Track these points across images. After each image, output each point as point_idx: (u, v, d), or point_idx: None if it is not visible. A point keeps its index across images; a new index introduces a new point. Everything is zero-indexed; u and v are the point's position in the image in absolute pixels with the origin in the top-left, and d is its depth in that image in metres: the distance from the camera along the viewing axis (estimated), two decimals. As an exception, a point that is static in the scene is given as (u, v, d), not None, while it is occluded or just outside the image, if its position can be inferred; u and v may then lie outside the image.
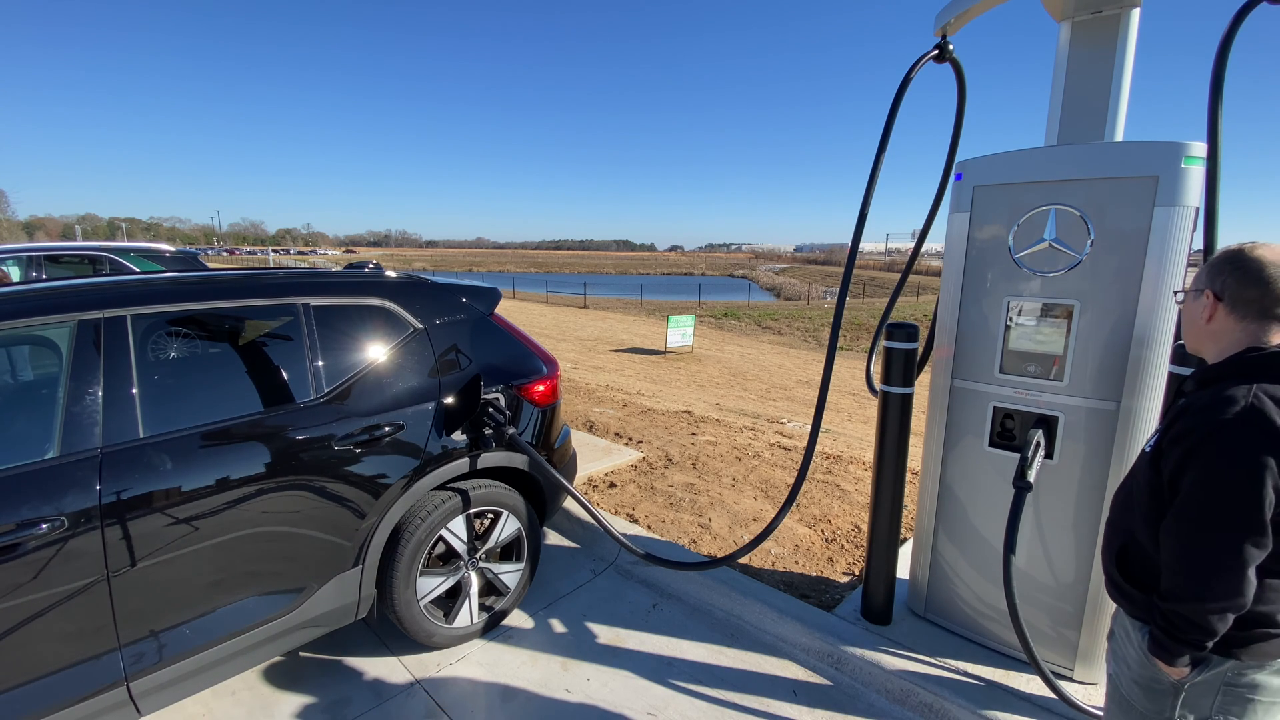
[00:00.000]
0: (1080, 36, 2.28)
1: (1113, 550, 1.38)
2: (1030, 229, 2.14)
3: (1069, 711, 2.04)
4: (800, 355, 17.60)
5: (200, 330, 2.09)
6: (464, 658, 2.56)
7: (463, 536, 2.56)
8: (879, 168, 2.46)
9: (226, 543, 1.95)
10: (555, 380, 2.97)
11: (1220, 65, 1.98)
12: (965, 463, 2.41)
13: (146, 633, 1.84)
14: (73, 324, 1.83)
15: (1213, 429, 1.14)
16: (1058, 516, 2.19)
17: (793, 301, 38.10)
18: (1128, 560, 1.34)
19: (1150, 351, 1.95)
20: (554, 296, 34.42)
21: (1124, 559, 1.35)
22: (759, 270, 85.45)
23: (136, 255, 7.43)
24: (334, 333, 2.31)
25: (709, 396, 9.44)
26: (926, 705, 2.24)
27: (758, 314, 26.79)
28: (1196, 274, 1.33)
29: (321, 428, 2.16)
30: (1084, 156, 2.04)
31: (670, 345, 14.92)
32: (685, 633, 2.77)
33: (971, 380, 2.35)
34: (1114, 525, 1.40)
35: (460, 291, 2.78)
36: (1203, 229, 1.95)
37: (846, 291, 2.53)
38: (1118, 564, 1.36)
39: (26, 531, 1.61)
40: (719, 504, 3.94)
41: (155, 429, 1.87)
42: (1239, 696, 1.22)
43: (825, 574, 3.12)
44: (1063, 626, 2.23)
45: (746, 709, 2.33)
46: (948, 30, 2.48)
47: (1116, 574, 1.36)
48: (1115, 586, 1.37)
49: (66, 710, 1.70)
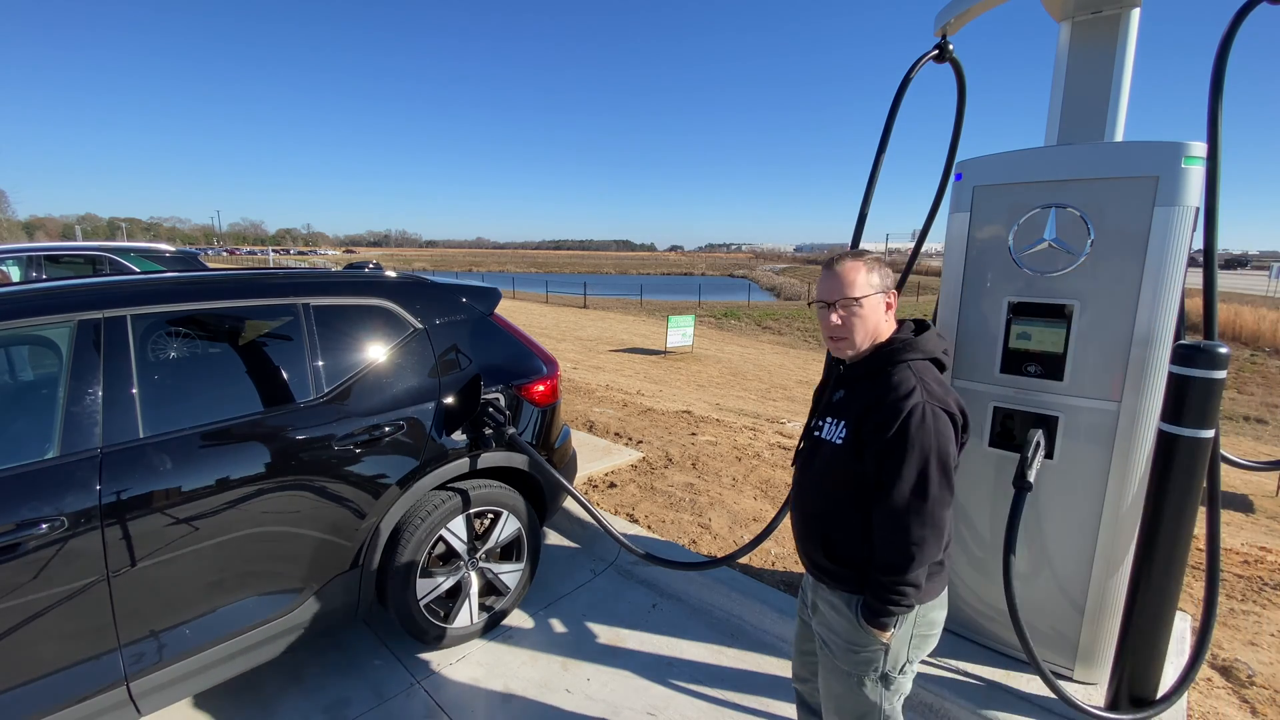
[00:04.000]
0: (1080, 36, 2.28)
1: (817, 540, 1.51)
2: (1030, 229, 2.14)
3: (1069, 711, 2.04)
4: (800, 355, 17.60)
5: (200, 330, 2.09)
6: (464, 658, 2.56)
7: (463, 536, 2.56)
8: (879, 168, 2.46)
9: (226, 543, 1.95)
10: (555, 380, 2.97)
11: (1220, 65, 1.98)
12: (965, 463, 2.40)
13: (146, 633, 1.84)
14: (73, 324, 1.83)
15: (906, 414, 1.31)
16: (1058, 516, 2.19)
17: (793, 301, 38.09)
18: (834, 545, 1.48)
19: (1150, 351, 1.95)
20: (554, 296, 34.41)
21: (829, 545, 1.48)
22: (759, 270, 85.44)
23: (136, 255, 7.43)
24: (334, 333, 2.31)
25: (709, 396, 9.44)
26: (926, 705, 2.24)
27: (758, 314, 26.79)
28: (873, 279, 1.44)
29: (321, 428, 2.16)
30: (1084, 156, 2.04)
31: (670, 345, 14.92)
32: (685, 633, 2.77)
33: (971, 380, 2.35)
34: (817, 518, 1.52)
35: (460, 291, 2.78)
36: (1203, 229, 1.95)
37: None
38: (824, 551, 1.49)
39: (27, 531, 1.61)
40: (719, 504, 3.94)
41: (155, 429, 1.87)
42: (922, 636, 1.49)
43: (825, 574, 3.12)
44: (1063, 626, 2.23)
45: (746, 709, 2.33)
46: (948, 30, 2.47)
47: (824, 560, 1.49)
48: (823, 570, 1.51)
49: (66, 710, 1.70)
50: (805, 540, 1.56)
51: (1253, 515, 6.47)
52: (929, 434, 1.31)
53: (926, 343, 1.44)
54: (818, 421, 1.56)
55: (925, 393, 1.34)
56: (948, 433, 1.34)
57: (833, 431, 1.46)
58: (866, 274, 1.43)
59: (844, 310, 1.43)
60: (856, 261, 1.44)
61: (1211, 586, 1.94)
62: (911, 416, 1.30)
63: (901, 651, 1.46)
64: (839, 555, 1.47)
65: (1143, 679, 1.99)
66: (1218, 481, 1.96)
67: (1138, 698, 2.00)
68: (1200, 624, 1.96)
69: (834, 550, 1.47)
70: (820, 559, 1.50)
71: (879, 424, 1.33)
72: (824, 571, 1.51)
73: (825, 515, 1.49)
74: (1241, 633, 2.70)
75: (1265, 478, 7.66)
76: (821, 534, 1.50)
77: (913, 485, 1.31)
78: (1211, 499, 1.95)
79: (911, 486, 1.31)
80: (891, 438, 1.31)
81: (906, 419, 1.30)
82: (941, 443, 1.32)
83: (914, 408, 1.31)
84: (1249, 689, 2.35)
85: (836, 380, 1.55)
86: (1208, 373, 1.77)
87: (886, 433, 1.32)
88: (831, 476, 1.46)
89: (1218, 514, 1.95)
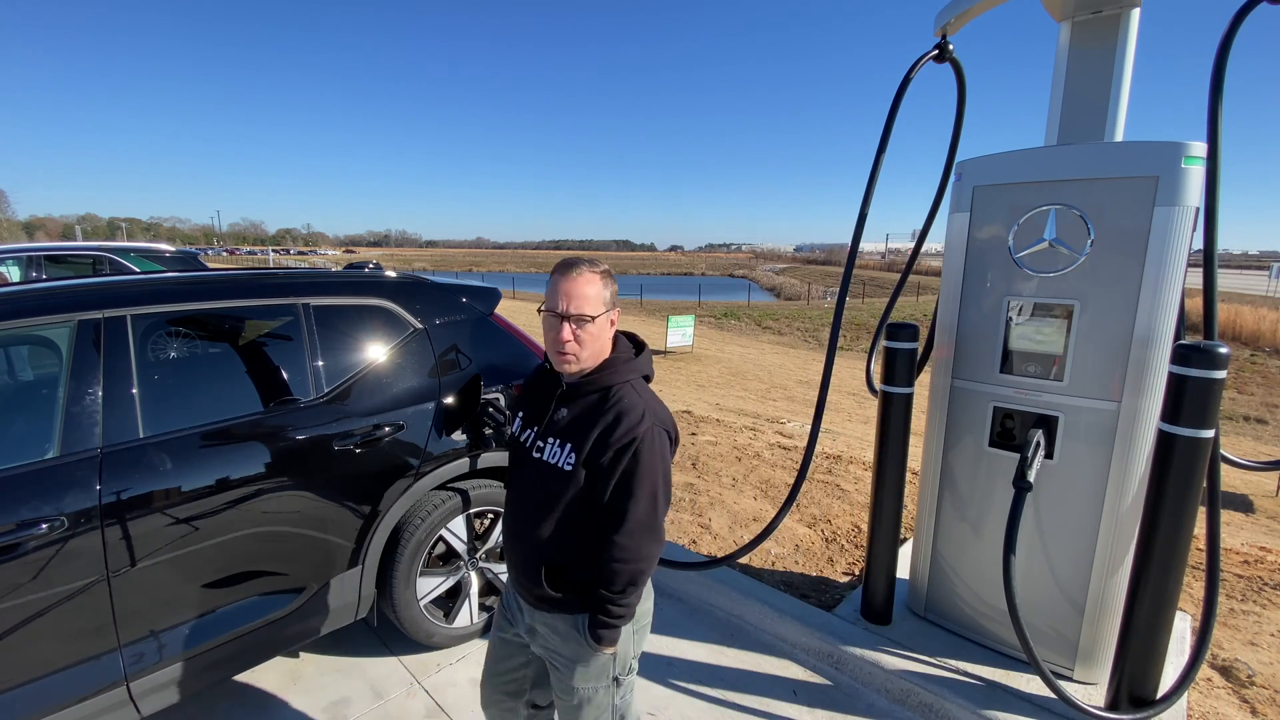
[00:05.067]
0: (1080, 36, 2.28)
1: (542, 570, 1.42)
2: (1030, 229, 2.14)
3: (1069, 711, 2.04)
4: (800, 355, 17.60)
5: (200, 330, 2.09)
6: (464, 658, 2.56)
7: (463, 536, 2.56)
8: (879, 168, 2.46)
9: (227, 543, 1.95)
10: (555, 380, 2.97)
11: (1220, 65, 1.98)
12: (965, 463, 2.40)
13: (146, 633, 1.84)
14: (73, 324, 1.83)
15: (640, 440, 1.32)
16: (1058, 516, 2.19)
17: (793, 301, 38.09)
18: (562, 573, 1.41)
19: (1150, 351, 1.95)
20: (554, 296, 34.36)
21: (556, 574, 1.42)
22: (759, 270, 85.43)
23: (136, 255, 7.43)
24: (334, 333, 2.31)
25: (709, 396, 9.45)
26: (926, 705, 2.24)
27: (758, 314, 26.79)
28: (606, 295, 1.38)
29: (321, 428, 2.16)
30: (1084, 156, 2.04)
31: (670, 345, 14.92)
32: (685, 633, 2.77)
33: (972, 380, 2.35)
34: (544, 547, 1.42)
35: (460, 291, 2.78)
36: (1203, 229, 1.95)
37: (846, 291, 2.53)
38: (551, 580, 1.42)
39: (26, 531, 1.61)
40: (719, 504, 3.94)
41: (155, 429, 1.87)
42: (641, 629, 1.51)
43: (825, 574, 3.12)
44: (1063, 626, 2.23)
45: (746, 709, 2.33)
46: (948, 30, 2.48)
47: (550, 590, 1.41)
48: (545, 599, 1.43)
49: (66, 710, 1.69)
50: (526, 571, 1.45)
51: (1253, 515, 6.47)
52: (658, 457, 1.34)
53: (646, 362, 1.46)
54: (537, 442, 1.45)
55: (653, 415, 1.36)
56: (668, 451, 1.39)
57: (558, 455, 1.39)
58: (602, 288, 1.37)
59: (578, 326, 1.35)
60: (594, 274, 1.37)
61: (1211, 586, 1.94)
62: (644, 442, 1.32)
63: (628, 651, 1.47)
64: (567, 581, 1.41)
65: (1143, 679, 1.99)
66: (1218, 481, 1.96)
67: (1138, 698, 2.00)
68: (1200, 624, 1.96)
69: (562, 578, 1.41)
70: (544, 590, 1.42)
71: (617, 451, 1.32)
72: (547, 600, 1.43)
73: (553, 543, 1.42)
74: (1241, 633, 2.70)
75: (1265, 478, 7.67)
76: (548, 563, 1.42)
77: (646, 506, 1.33)
78: (1211, 499, 1.95)
79: (645, 508, 1.33)
80: (627, 464, 1.32)
81: (640, 445, 1.31)
82: (666, 463, 1.38)
83: (646, 432, 1.32)
84: (1249, 689, 2.35)
85: (560, 398, 1.45)
86: (1207, 373, 1.77)
87: (623, 460, 1.32)
88: (561, 502, 1.39)
89: (1218, 514, 1.95)
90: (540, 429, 1.46)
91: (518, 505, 1.49)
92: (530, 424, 1.51)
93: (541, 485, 1.41)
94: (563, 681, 1.47)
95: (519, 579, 1.49)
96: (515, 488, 1.52)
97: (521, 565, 1.47)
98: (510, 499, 1.54)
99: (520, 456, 1.50)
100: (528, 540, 1.44)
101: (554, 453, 1.39)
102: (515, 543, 1.49)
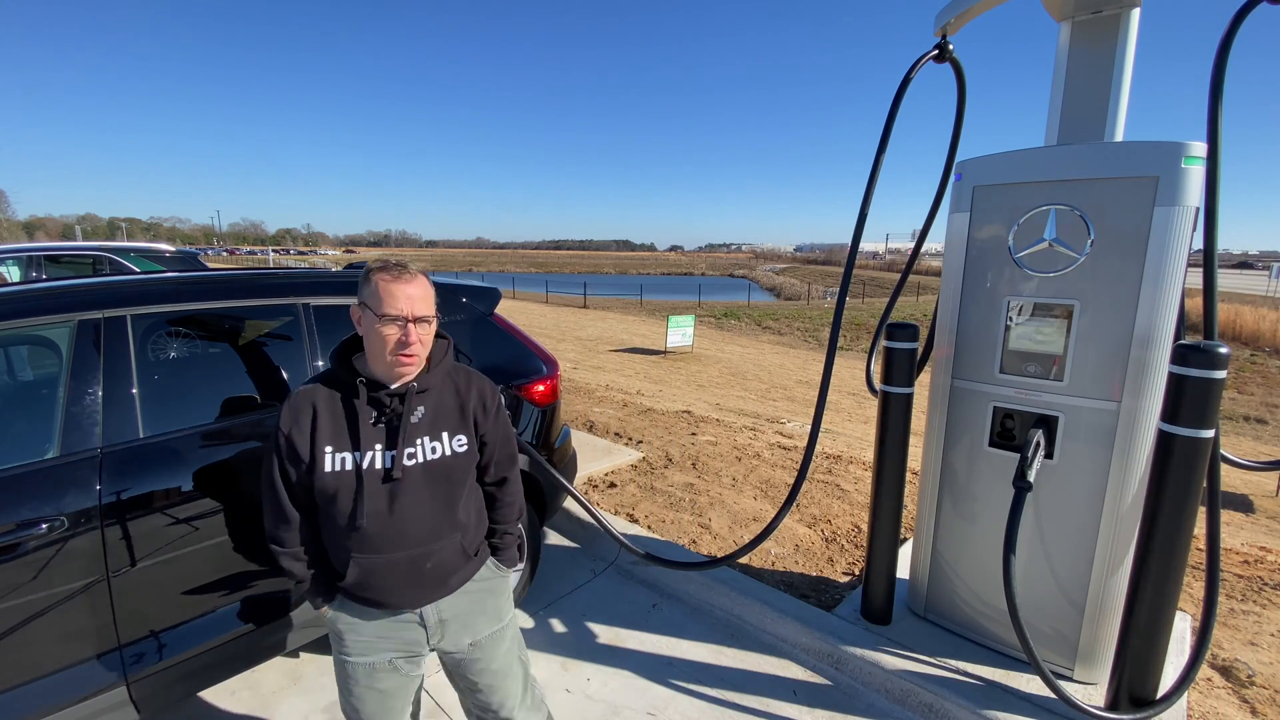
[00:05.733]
0: (1080, 36, 2.28)
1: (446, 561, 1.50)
2: (1030, 229, 2.14)
3: (1069, 711, 2.04)
4: (800, 355, 17.60)
5: (200, 330, 2.09)
6: (464, 658, 2.56)
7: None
8: (879, 168, 2.46)
9: (227, 542, 1.95)
10: (555, 380, 2.97)
11: (1220, 65, 1.98)
12: (965, 463, 2.40)
13: (146, 633, 1.84)
14: (73, 324, 1.83)
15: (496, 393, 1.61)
16: (1058, 516, 2.19)
17: (793, 301, 38.09)
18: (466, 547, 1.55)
19: (1150, 351, 1.95)
20: (554, 296, 34.41)
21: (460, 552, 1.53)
22: (759, 270, 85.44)
23: (136, 255, 7.43)
24: (334, 333, 2.31)
25: (709, 396, 9.45)
26: (926, 705, 2.24)
27: (758, 314, 26.79)
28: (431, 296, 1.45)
29: (321, 428, 2.16)
30: (1084, 156, 2.04)
31: (670, 345, 14.91)
32: (685, 633, 2.77)
33: (971, 380, 2.35)
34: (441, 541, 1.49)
35: (460, 291, 2.78)
36: (1203, 229, 1.95)
37: (846, 291, 2.53)
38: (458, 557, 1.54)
39: (26, 531, 1.61)
40: (719, 504, 3.94)
41: (155, 429, 1.87)
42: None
43: (825, 574, 3.12)
44: (1063, 626, 2.23)
45: (746, 709, 2.33)
46: (948, 30, 2.48)
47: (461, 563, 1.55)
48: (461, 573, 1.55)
49: (66, 710, 1.69)
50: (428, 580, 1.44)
51: (1253, 515, 6.47)
52: None
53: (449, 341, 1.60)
54: (406, 449, 1.39)
55: (482, 374, 1.60)
56: None
57: (444, 445, 1.44)
58: (429, 285, 1.46)
59: (423, 328, 1.38)
60: (421, 274, 1.43)
61: (1211, 586, 1.94)
62: (500, 396, 1.60)
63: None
64: (470, 546, 1.54)
65: (1143, 679, 1.99)
66: (1218, 481, 1.96)
67: (1138, 698, 2.00)
68: (1200, 624, 1.96)
69: (468, 549, 1.53)
70: (451, 577, 1.49)
71: (495, 413, 1.56)
72: (460, 574, 1.51)
73: (459, 523, 1.49)
74: (1241, 633, 2.70)
75: (1265, 478, 7.66)
76: (447, 552, 1.46)
77: (514, 444, 1.64)
78: (1211, 499, 1.95)
79: (514, 446, 1.64)
80: (502, 418, 1.59)
81: (500, 399, 1.59)
82: None
83: (494, 388, 1.59)
84: (1249, 689, 2.35)
85: (406, 401, 1.40)
86: (1207, 373, 1.77)
87: (500, 416, 1.58)
88: (465, 483, 1.51)
89: (1218, 514, 1.95)
90: (396, 439, 1.38)
91: (394, 520, 1.38)
92: (368, 446, 1.37)
93: (430, 483, 1.42)
94: (497, 647, 1.59)
95: (416, 595, 1.45)
96: (375, 517, 1.37)
97: (418, 579, 1.43)
98: (377, 524, 1.37)
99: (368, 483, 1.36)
100: (423, 546, 1.42)
101: (436, 446, 1.43)
102: (402, 557, 1.40)
